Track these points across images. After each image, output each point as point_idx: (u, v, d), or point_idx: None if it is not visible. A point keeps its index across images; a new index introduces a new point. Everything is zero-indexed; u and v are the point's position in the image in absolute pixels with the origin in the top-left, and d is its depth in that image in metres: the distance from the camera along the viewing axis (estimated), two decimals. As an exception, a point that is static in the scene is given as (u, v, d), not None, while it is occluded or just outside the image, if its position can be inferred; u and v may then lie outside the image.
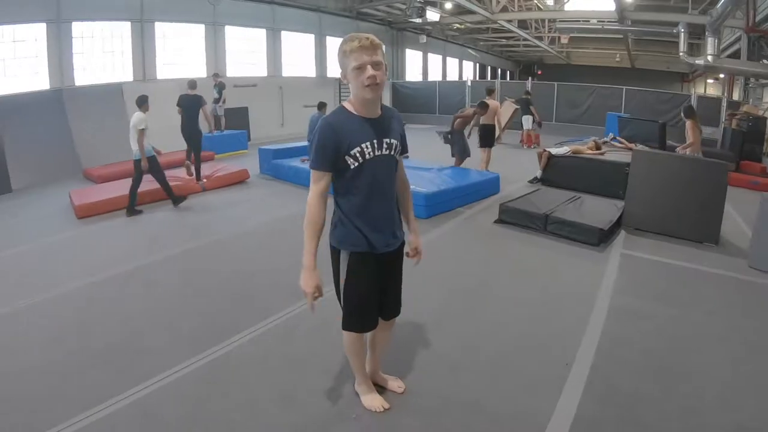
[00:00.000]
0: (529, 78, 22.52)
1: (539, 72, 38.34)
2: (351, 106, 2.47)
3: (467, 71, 33.98)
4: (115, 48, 13.41)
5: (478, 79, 32.30)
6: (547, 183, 9.36)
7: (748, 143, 11.41)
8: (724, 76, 21.16)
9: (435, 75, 29.04)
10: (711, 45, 13.23)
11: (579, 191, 8.14)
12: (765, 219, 5.34)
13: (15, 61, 11.28)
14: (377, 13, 21.96)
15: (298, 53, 19.08)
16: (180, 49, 15.10)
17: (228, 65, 16.34)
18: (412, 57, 26.39)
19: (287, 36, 18.35)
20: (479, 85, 21.54)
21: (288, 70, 18.60)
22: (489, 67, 37.96)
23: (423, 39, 25.24)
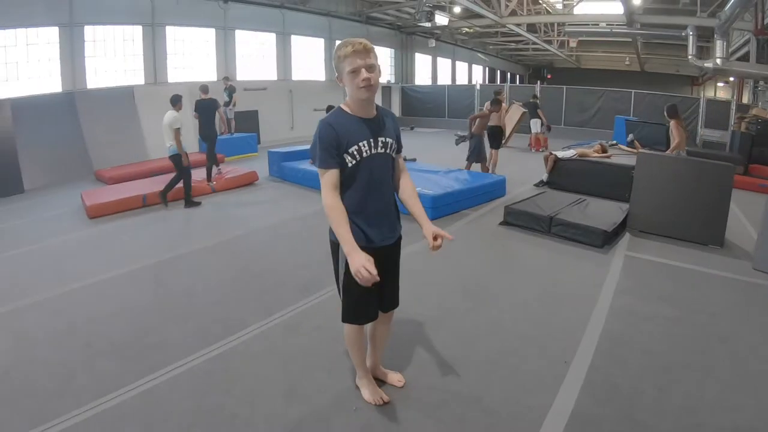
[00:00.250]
0: (538, 82, 22.48)
1: (549, 76, 38.25)
2: (348, 107, 2.59)
3: (477, 75, 34.03)
4: (127, 51, 13.61)
5: (487, 83, 32.30)
6: (554, 186, 9.38)
7: (756, 146, 11.33)
8: (733, 79, 21.04)
9: (444, 79, 29.15)
10: (720, 48, 13.15)
11: (585, 194, 8.16)
12: (770, 221, 5.35)
13: (28, 64, 11.48)
14: (386, 18, 22.06)
15: (308, 57, 19.23)
16: (191, 53, 15.27)
17: (238, 69, 16.50)
18: (421, 61, 26.52)
19: (297, 40, 18.51)
20: (488, 89, 21.57)
21: (298, 73, 18.77)
22: (498, 71, 37.93)
23: (432, 43, 25.29)
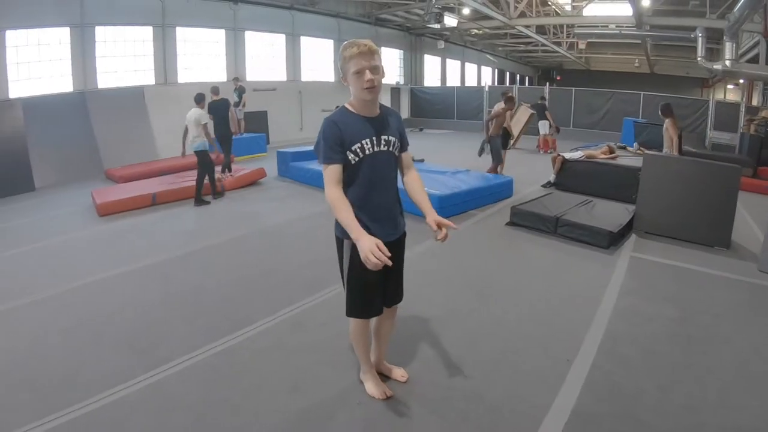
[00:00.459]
0: (547, 84, 22.43)
1: (558, 78, 38.18)
2: (351, 106, 2.68)
3: (486, 77, 34.01)
4: (137, 52, 13.76)
5: (496, 85, 32.28)
6: (561, 187, 9.40)
7: (766, 149, 11.30)
8: (743, 81, 20.94)
9: (453, 80, 29.16)
10: (729, 50, 13.10)
11: (592, 195, 8.16)
12: (776, 222, 5.36)
13: (40, 64, 11.63)
14: (395, 19, 22.10)
15: (317, 58, 19.32)
16: (201, 54, 15.40)
17: (248, 69, 16.62)
18: (430, 62, 26.54)
19: (306, 41, 18.61)
20: (497, 91, 21.53)
21: (307, 74, 18.87)
22: (508, 73, 37.89)
23: (441, 44, 25.34)
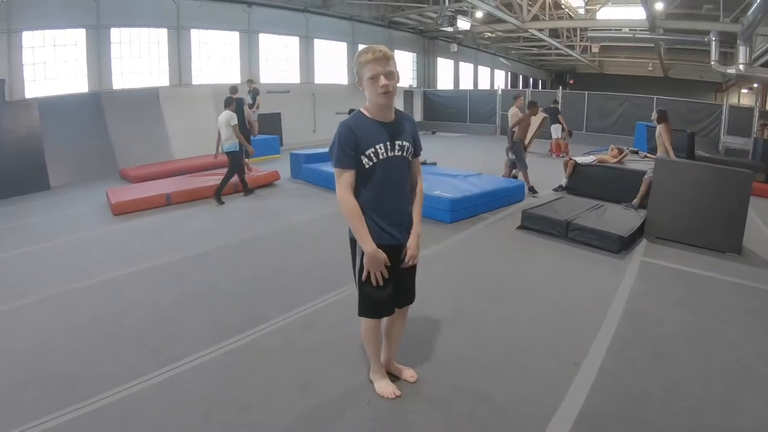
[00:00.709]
0: (560, 87, 22.42)
1: (571, 81, 38.02)
2: (367, 111, 2.73)
3: (499, 80, 33.95)
4: (152, 54, 13.96)
5: (509, 88, 32.24)
6: (572, 191, 9.40)
7: (779, 154, 11.25)
8: (757, 85, 20.78)
9: (466, 84, 29.14)
10: (743, 54, 13.06)
11: (604, 200, 8.17)
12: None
13: (56, 65, 11.85)
14: (409, 22, 22.18)
15: (330, 61, 19.42)
16: (215, 56, 15.57)
17: (262, 72, 16.76)
18: (443, 65, 26.56)
19: (320, 44, 18.73)
20: (510, 94, 21.53)
21: (320, 77, 18.97)
22: (521, 76, 37.80)
23: (454, 48, 25.37)
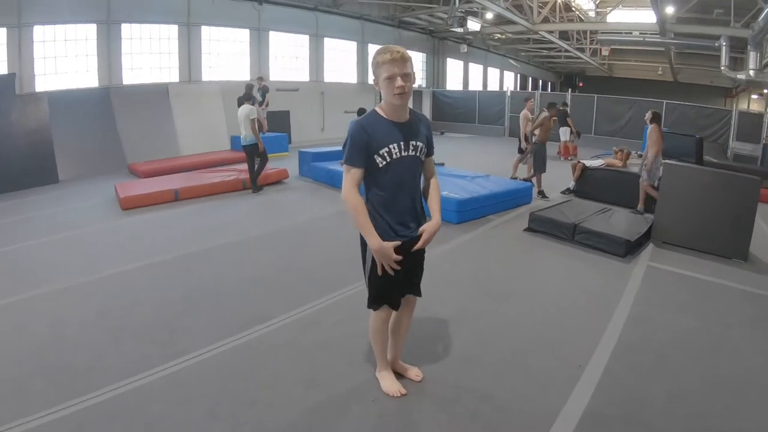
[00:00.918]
0: (569, 90, 22.34)
1: (580, 84, 37.87)
2: (382, 111, 2.75)
3: (508, 81, 33.89)
4: (163, 50, 14.02)
5: (518, 90, 32.19)
6: (580, 194, 9.41)
7: (789, 161, 11.22)
8: (767, 91, 20.67)
9: (476, 84, 29.10)
10: (753, 59, 13.01)
11: (611, 203, 8.17)
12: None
13: (66, 59, 11.93)
14: (419, 22, 22.19)
15: (340, 60, 19.46)
16: (225, 53, 15.62)
17: (271, 69, 16.80)
18: (452, 66, 26.54)
19: (330, 42, 18.76)
20: (519, 96, 21.54)
21: (330, 76, 19.00)
22: (530, 78, 37.73)
23: (464, 48, 25.34)
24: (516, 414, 3.00)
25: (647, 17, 17.25)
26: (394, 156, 2.70)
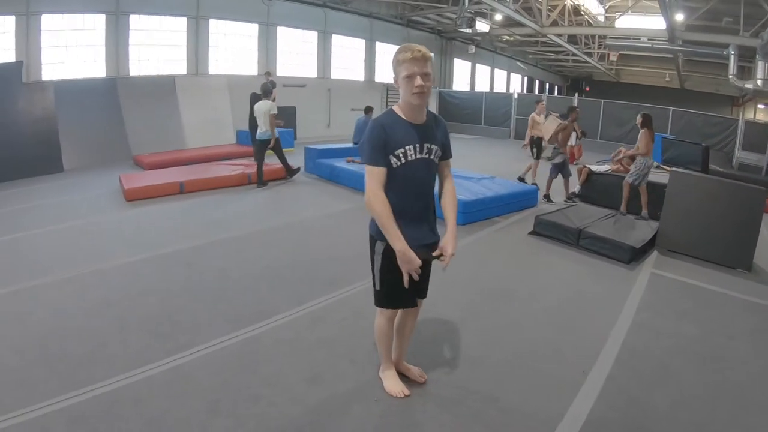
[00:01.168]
0: (576, 94, 22.30)
1: (587, 88, 37.81)
2: (400, 110, 2.72)
3: (515, 83, 33.84)
4: (171, 42, 14.02)
5: (525, 92, 32.13)
6: (585, 199, 9.39)
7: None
8: (774, 101, 20.62)
9: (482, 86, 29.07)
10: (761, 69, 12.96)
11: (617, 209, 8.15)
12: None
13: (74, 49, 11.93)
14: (427, 22, 22.16)
15: (347, 57, 19.45)
16: (233, 47, 15.61)
17: (279, 65, 16.79)
18: (460, 67, 26.52)
19: (338, 39, 18.74)
20: (526, 99, 21.54)
21: (337, 73, 19.00)
22: (537, 81, 37.64)
23: (472, 49, 25.31)
24: (519, 416, 3.01)
25: (656, 23, 17.22)
26: (409, 157, 2.67)
